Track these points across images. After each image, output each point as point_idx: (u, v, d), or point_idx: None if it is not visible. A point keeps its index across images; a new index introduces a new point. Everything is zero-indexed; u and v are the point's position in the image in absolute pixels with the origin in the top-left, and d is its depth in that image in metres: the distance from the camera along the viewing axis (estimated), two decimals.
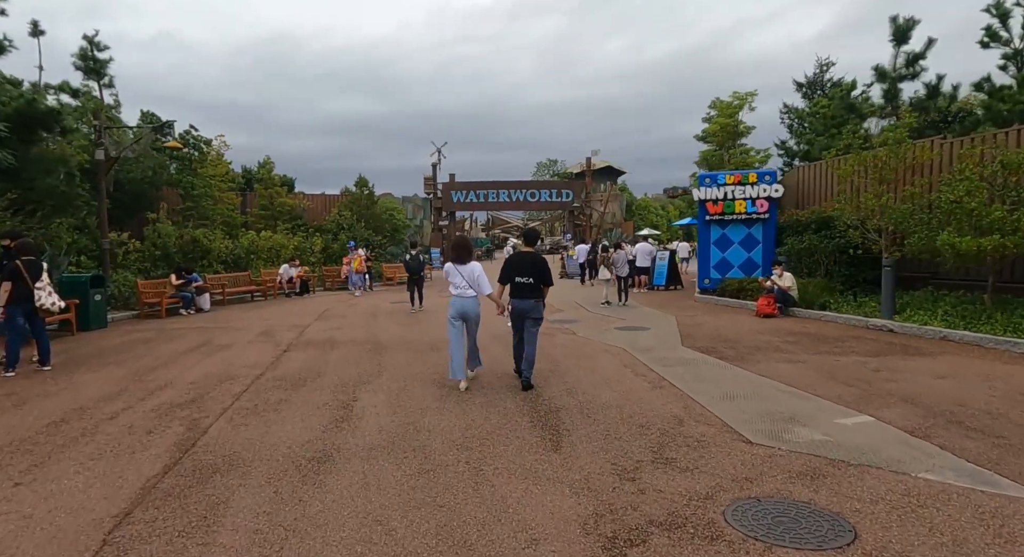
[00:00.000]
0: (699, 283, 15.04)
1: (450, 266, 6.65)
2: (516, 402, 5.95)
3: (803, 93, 19.77)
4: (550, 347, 8.96)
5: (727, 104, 17.28)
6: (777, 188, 13.69)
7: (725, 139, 17.02)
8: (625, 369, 7.36)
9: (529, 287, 6.38)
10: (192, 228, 18.75)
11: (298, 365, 7.95)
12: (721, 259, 14.47)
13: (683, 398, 5.94)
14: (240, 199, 25.11)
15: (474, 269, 6.50)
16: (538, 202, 43.76)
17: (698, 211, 14.79)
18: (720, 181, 14.13)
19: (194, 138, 21.03)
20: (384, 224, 27.19)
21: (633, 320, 11.86)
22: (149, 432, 5.17)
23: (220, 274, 17.91)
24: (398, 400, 6.12)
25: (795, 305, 11.29)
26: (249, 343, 9.83)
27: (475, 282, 6.47)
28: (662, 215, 51.06)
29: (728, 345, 8.79)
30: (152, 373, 7.58)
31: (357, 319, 12.86)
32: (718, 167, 17.07)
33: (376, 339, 10.04)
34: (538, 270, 6.38)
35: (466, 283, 6.47)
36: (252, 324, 12.31)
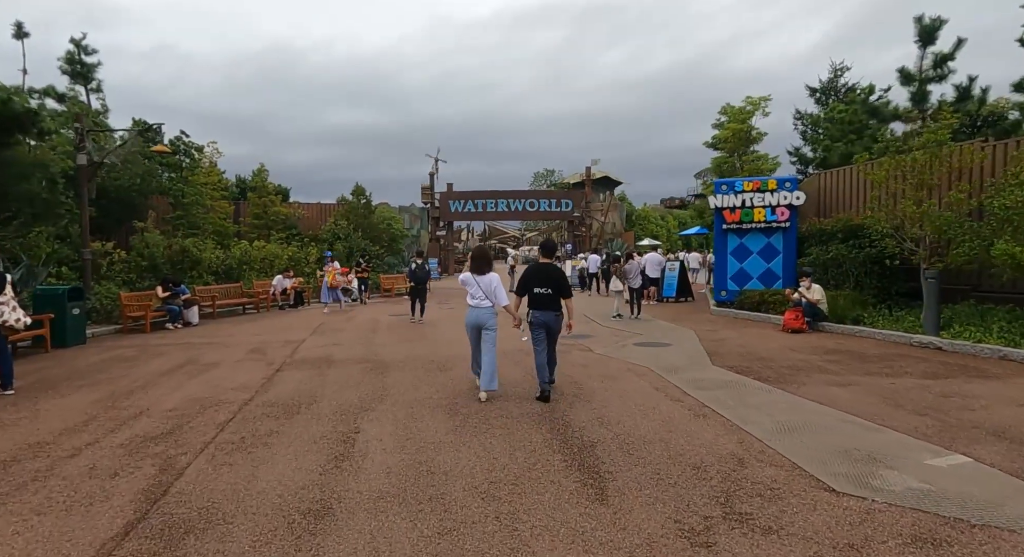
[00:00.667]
0: (715, 295, 14.32)
1: (468, 276, 6.62)
2: (543, 434, 5.18)
3: (816, 99, 19.25)
4: (568, 366, 8.21)
5: (739, 109, 16.72)
6: (799, 195, 13.04)
7: (737, 145, 16.44)
8: (657, 393, 6.60)
9: (548, 298, 6.34)
10: (181, 237, 17.93)
11: (292, 388, 7.15)
12: (739, 270, 13.77)
13: (734, 430, 5.18)
14: (233, 208, 24.33)
15: (492, 280, 6.48)
16: (537, 212, 43.17)
17: (714, 219, 14.11)
18: (738, 188, 13.48)
19: (185, 144, 20.30)
20: (382, 234, 26.43)
21: (650, 335, 11.12)
22: (114, 475, 4.37)
23: (211, 286, 17.09)
24: (406, 431, 5.34)
25: (824, 319, 10.58)
26: (238, 362, 9.02)
27: (492, 293, 6.45)
28: (662, 225, 50.48)
29: (763, 364, 8.05)
30: (128, 398, 6.77)
31: (355, 334, 12.07)
32: (731, 174, 16.46)
33: (377, 357, 9.26)
34: (556, 281, 6.37)
35: (483, 294, 6.47)
36: (243, 340, 11.50)
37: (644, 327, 12.37)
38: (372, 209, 26.84)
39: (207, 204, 21.29)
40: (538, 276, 6.39)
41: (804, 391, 6.50)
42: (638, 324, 12.87)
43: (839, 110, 17.77)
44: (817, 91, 19.46)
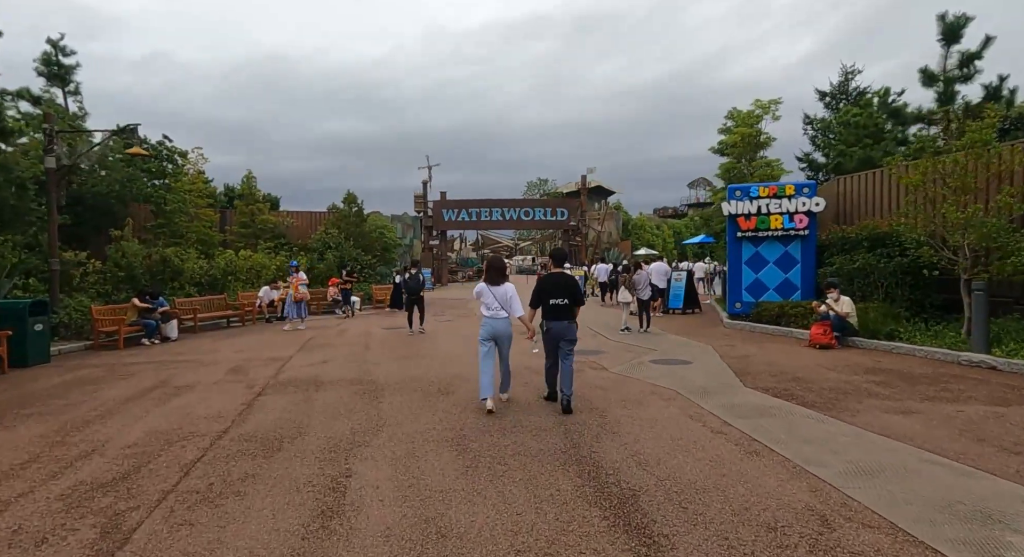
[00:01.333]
0: (729, 307, 13.55)
1: (483, 287, 6.52)
2: (571, 478, 4.34)
3: (826, 103, 18.66)
4: (584, 387, 7.37)
5: (747, 113, 16.08)
6: (818, 201, 12.34)
7: (746, 150, 15.79)
8: (693, 422, 5.78)
9: (563, 308, 6.30)
10: (162, 246, 16.98)
11: (274, 417, 6.26)
12: (754, 280, 13.03)
13: (799, 473, 4.36)
14: (218, 216, 23.37)
15: (507, 290, 6.39)
16: (532, 221, 42.44)
17: (727, 227, 13.37)
18: (753, 194, 12.76)
19: (168, 149, 19.37)
20: (374, 243, 25.55)
21: (666, 351, 10.31)
22: (41, 542, 3.48)
23: (193, 297, 16.14)
24: (408, 474, 4.48)
25: (854, 334, 9.83)
26: (216, 384, 8.11)
27: (507, 304, 6.36)
28: (657, 235, 49.93)
29: (801, 386, 7.25)
30: (82, 430, 5.85)
31: (346, 350, 11.17)
32: (740, 180, 15.77)
33: (370, 377, 8.38)
34: (570, 290, 6.33)
35: (498, 304, 6.37)
36: (224, 357, 10.57)
37: (656, 342, 11.57)
38: (364, 217, 25.98)
39: (191, 212, 20.34)
40: (553, 286, 6.35)
41: (860, 420, 5.70)
42: (649, 338, 12.07)
43: (853, 113, 17.14)
44: (827, 95, 18.86)
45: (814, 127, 18.52)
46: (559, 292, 6.28)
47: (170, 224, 18.97)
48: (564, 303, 6.26)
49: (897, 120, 15.46)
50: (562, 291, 6.28)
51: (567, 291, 6.29)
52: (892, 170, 10.62)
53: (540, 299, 6.39)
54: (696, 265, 24.74)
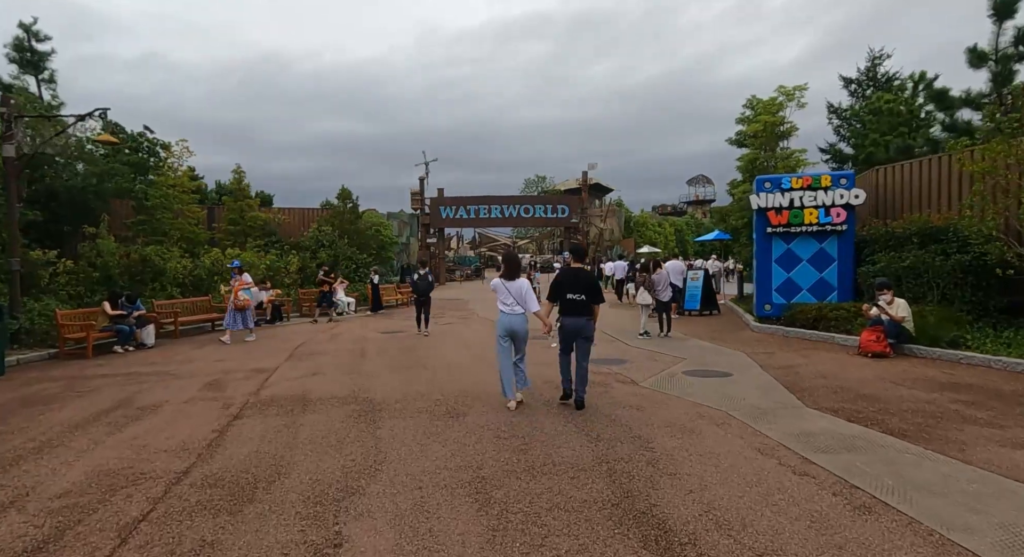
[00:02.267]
0: (757, 309, 12.47)
1: (498, 282, 6.47)
2: (632, 546, 3.24)
3: (851, 90, 17.52)
4: (617, 407, 6.30)
5: (770, 101, 15.00)
6: (857, 193, 11.27)
7: (768, 140, 14.74)
8: (763, 457, 4.70)
9: (581, 304, 6.20)
10: (142, 245, 15.81)
11: (249, 450, 5.15)
12: (786, 280, 11.95)
13: (943, 546, 3.27)
14: (204, 212, 22.18)
15: (522, 286, 6.35)
16: (532, 218, 41.29)
17: (755, 222, 12.29)
18: (784, 185, 11.68)
19: (148, 141, 18.16)
20: (369, 241, 24.39)
21: (696, 359, 9.24)
22: None
23: (175, 299, 14.98)
24: (416, 539, 3.39)
25: (910, 341, 8.77)
26: (187, 403, 6.98)
27: (523, 299, 6.31)
28: (659, 232, 48.91)
29: (875, 406, 6.18)
30: (8, 471, 4.73)
31: (340, 359, 10.06)
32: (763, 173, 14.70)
33: (367, 394, 7.27)
34: (589, 287, 6.22)
35: (514, 300, 6.31)
36: (202, 368, 9.44)
37: (682, 348, 10.49)
38: (359, 214, 24.81)
39: (175, 208, 19.15)
40: (571, 281, 6.25)
41: (976, 457, 4.62)
42: (672, 344, 10.99)
43: (886, 100, 16.05)
44: (852, 81, 17.74)
45: (839, 116, 17.45)
46: (576, 288, 6.17)
47: (152, 221, 17.77)
48: (581, 299, 6.16)
49: (941, 104, 14.32)
50: (580, 287, 6.18)
51: (585, 287, 6.18)
52: (959, 156, 9.51)
53: (557, 294, 6.31)
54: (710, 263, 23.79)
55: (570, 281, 6.26)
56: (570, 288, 6.20)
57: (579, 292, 6.16)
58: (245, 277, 12.99)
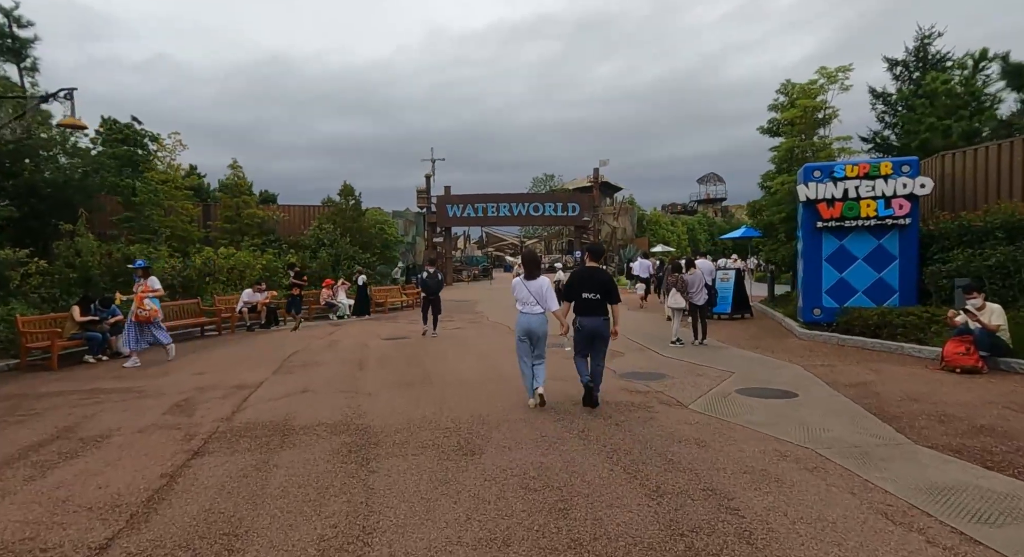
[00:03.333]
0: (804, 314, 11.11)
1: (518, 281, 6.43)
2: None
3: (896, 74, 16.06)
4: (672, 444, 5.02)
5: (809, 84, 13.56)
6: (923, 182, 9.90)
7: (807, 128, 13.39)
8: (903, 530, 3.40)
9: (596, 304, 6.13)
10: (125, 243, 14.65)
11: (199, 507, 3.90)
12: (838, 281, 10.58)
13: None
14: (198, 209, 21.03)
15: (542, 285, 6.30)
16: (542, 217, 39.95)
17: (801, 216, 10.94)
18: (838, 174, 10.33)
19: (136, 133, 16.98)
20: (373, 239, 23.18)
21: (746, 373, 7.94)
22: None
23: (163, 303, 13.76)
24: None
25: (1007, 354, 7.42)
26: (142, 432, 5.76)
27: (542, 298, 6.26)
28: (672, 231, 47.47)
29: (1008, 445, 4.85)
30: None
31: (335, 372, 8.83)
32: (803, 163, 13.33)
33: (362, 420, 6.02)
34: (605, 286, 6.16)
35: (534, 299, 6.26)
36: (176, 382, 8.23)
37: (723, 359, 9.20)
38: (362, 212, 23.61)
39: (166, 204, 17.99)
40: (587, 281, 6.22)
41: None
42: (711, 353, 9.70)
43: (942, 80, 14.61)
44: (898, 63, 16.24)
45: (885, 101, 15.99)
46: (592, 287, 6.12)
47: (140, 218, 16.61)
48: (597, 298, 6.09)
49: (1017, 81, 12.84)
50: (595, 286, 6.12)
51: (601, 286, 6.12)
52: None
53: (572, 293, 6.22)
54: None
55: (585, 280, 6.20)
56: (586, 287, 6.13)
57: (594, 291, 6.09)
58: (151, 282, 10.26)
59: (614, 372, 8.31)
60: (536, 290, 6.26)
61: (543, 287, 6.28)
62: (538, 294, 6.25)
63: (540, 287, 6.27)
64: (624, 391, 7.14)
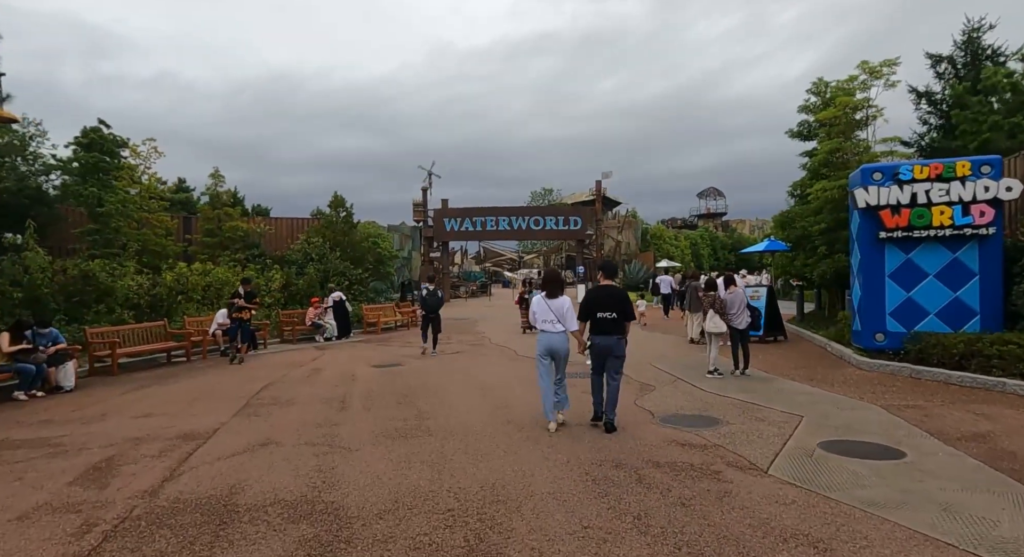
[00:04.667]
0: (863, 339, 9.56)
1: (539, 300, 6.33)
2: None
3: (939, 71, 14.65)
4: (776, 549, 3.44)
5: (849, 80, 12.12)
6: (1009, 185, 8.41)
7: (846, 128, 11.99)
8: None
9: (612, 322, 6.06)
10: (84, 258, 13.08)
11: None
12: (905, 301, 9.05)
13: None
14: (176, 222, 19.47)
15: (563, 303, 6.19)
16: (543, 231, 38.44)
17: (858, 225, 9.46)
18: (904, 175, 8.87)
19: (103, 138, 15.48)
20: (365, 254, 21.64)
21: (819, 417, 6.41)
22: None
23: (123, 325, 12.17)
24: None
25: None
26: (22, 519, 4.15)
27: (563, 317, 6.15)
28: (676, 245, 46.09)
29: None
30: None
31: (310, 414, 7.23)
32: (843, 167, 11.89)
33: (333, 493, 4.43)
34: (620, 304, 6.09)
35: (555, 317, 6.15)
36: (108, 429, 6.63)
37: (779, 395, 7.65)
38: (354, 224, 22.08)
39: (137, 216, 16.43)
40: (603, 299, 6.13)
41: None
42: (759, 387, 8.16)
43: (1004, 74, 13.24)
44: (943, 59, 14.86)
45: (929, 100, 14.59)
46: (608, 306, 6.08)
47: (105, 230, 15.03)
48: (612, 317, 6.06)
49: None
50: (611, 305, 6.08)
51: (617, 305, 6.09)
52: None
53: (588, 312, 6.17)
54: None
55: (601, 299, 6.13)
56: (602, 306, 6.08)
57: (610, 310, 6.05)
58: None
59: (652, 415, 6.76)
60: (558, 309, 6.16)
61: (564, 306, 6.17)
62: (559, 313, 6.14)
63: (562, 306, 6.17)
64: (674, 445, 5.58)
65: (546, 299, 6.25)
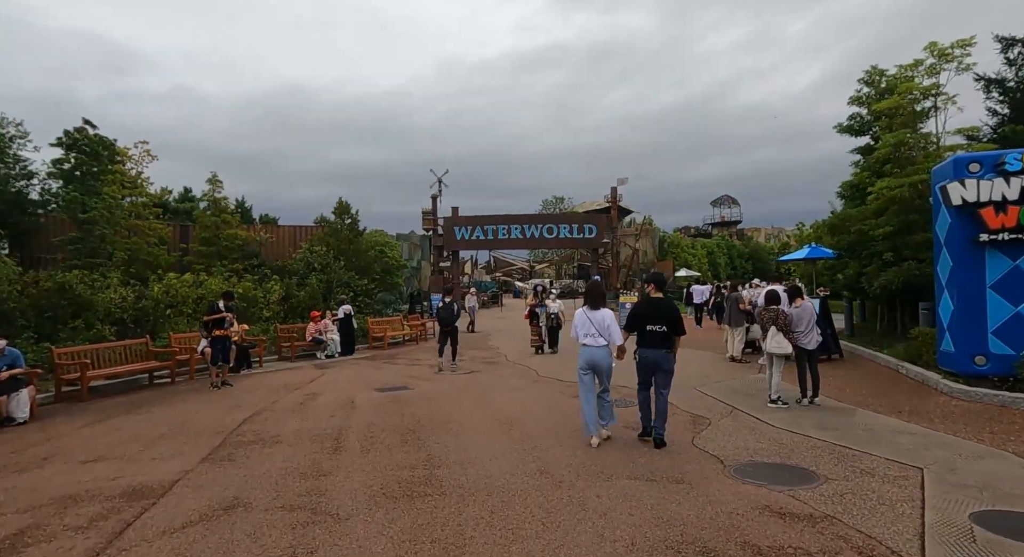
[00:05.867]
0: (956, 362, 8.04)
1: (580, 313, 6.20)
2: None
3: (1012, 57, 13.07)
4: None
5: (913, 65, 10.68)
6: None
7: (911, 119, 10.56)
8: None
9: (661, 336, 5.95)
10: (61, 268, 11.88)
11: None
12: (1013, 317, 7.52)
13: None
14: (171, 230, 18.29)
15: (605, 317, 6.07)
16: (556, 239, 37.00)
17: (948, 227, 8.01)
18: (1011, 166, 7.39)
19: (89, 139, 14.32)
20: (372, 263, 20.35)
21: (942, 469, 4.98)
22: None
23: (98, 344, 10.90)
24: None
25: None
26: None
27: (605, 331, 6.03)
28: (692, 253, 44.54)
29: None
30: None
31: (295, 458, 5.88)
32: (908, 163, 10.41)
33: None
34: (670, 318, 5.97)
35: (596, 331, 6.03)
36: (43, 482, 5.31)
37: (868, 433, 6.22)
38: (359, 232, 20.82)
39: (127, 223, 15.25)
40: (653, 312, 6.02)
41: None
42: (842, 423, 6.72)
43: None
44: (1016, 42, 13.34)
45: (1002, 89, 13.05)
46: (658, 319, 5.95)
47: (88, 238, 13.83)
48: (662, 330, 5.93)
49: None
50: (661, 318, 5.94)
51: (667, 318, 5.94)
52: None
53: (637, 325, 6.08)
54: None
55: (651, 311, 6.03)
56: (651, 319, 5.97)
57: (660, 323, 5.93)
58: None
59: (722, 464, 5.36)
60: (599, 322, 6.05)
61: (606, 319, 6.06)
62: (601, 326, 6.04)
63: (603, 319, 6.06)
64: (768, 514, 4.17)
65: (588, 312, 6.12)
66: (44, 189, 14.04)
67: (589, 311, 6.12)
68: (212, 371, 10.57)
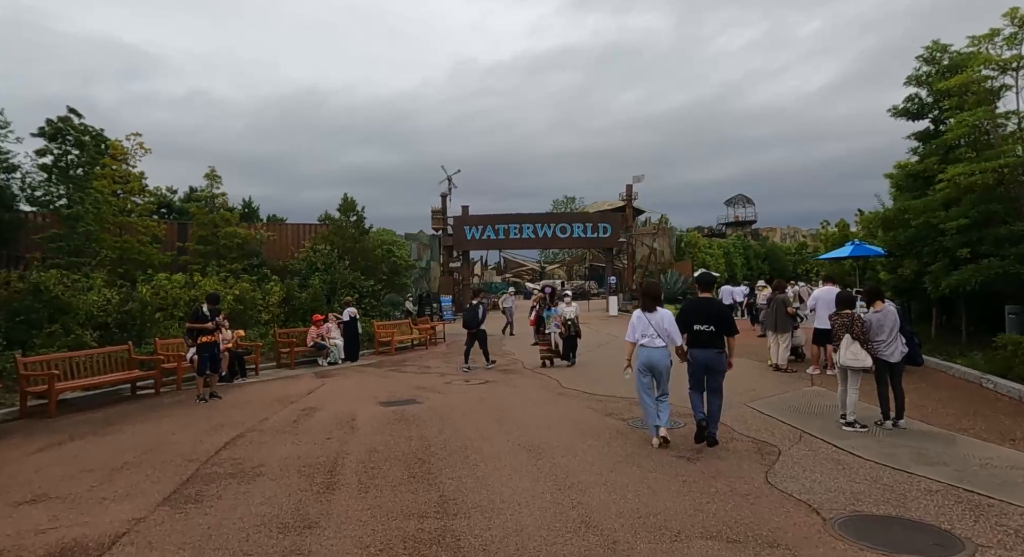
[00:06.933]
0: None
1: (638, 314, 6.16)
2: None
3: None
4: None
5: (988, 36, 9.43)
6: None
7: (984, 97, 9.31)
8: None
9: (710, 335, 5.90)
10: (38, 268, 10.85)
11: None
12: None
13: None
14: (166, 228, 17.28)
15: (664, 318, 6.01)
16: (570, 239, 35.78)
17: None
18: None
19: (74, 129, 13.29)
20: (378, 263, 19.24)
21: None
22: None
23: (73, 352, 9.84)
24: None
25: None
26: None
27: (664, 332, 5.96)
28: (710, 253, 43.22)
29: None
30: None
31: (277, 500, 4.74)
32: (986, 148, 9.13)
33: None
34: (720, 318, 5.95)
35: (654, 332, 5.98)
36: None
37: (988, 471, 5.01)
38: (365, 230, 19.72)
39: (117, 220, 14.23)
40: (700, 312, 6.03)
41: None
42: (944, 453, 5.50)
43: None
44: None
45: None
46: (705, 318, 5.92)
47: (72, 236, 12.80)
48: (710, 330, 5.88)
49: None
50: (708, 317, 5.92)
51: (715, 318, 5.92)
52: None
53: (684, 325, 6.03)
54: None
55: (699, 311, 6.00)
56: (699, 319, 5.94)
57: (708, 323, 5.89)
58: None
59: (819, 516, 4.14)
60: (658, 323, 5.97)
61: (664, 320, 5.98)
62: (659, 327, 5.96)
63: (661, 320, 5.98)
64: None
65: (645, 313, 6.07)
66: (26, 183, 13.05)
67: (645, 312, 6.05)
68: (199, 382, 9.47)
